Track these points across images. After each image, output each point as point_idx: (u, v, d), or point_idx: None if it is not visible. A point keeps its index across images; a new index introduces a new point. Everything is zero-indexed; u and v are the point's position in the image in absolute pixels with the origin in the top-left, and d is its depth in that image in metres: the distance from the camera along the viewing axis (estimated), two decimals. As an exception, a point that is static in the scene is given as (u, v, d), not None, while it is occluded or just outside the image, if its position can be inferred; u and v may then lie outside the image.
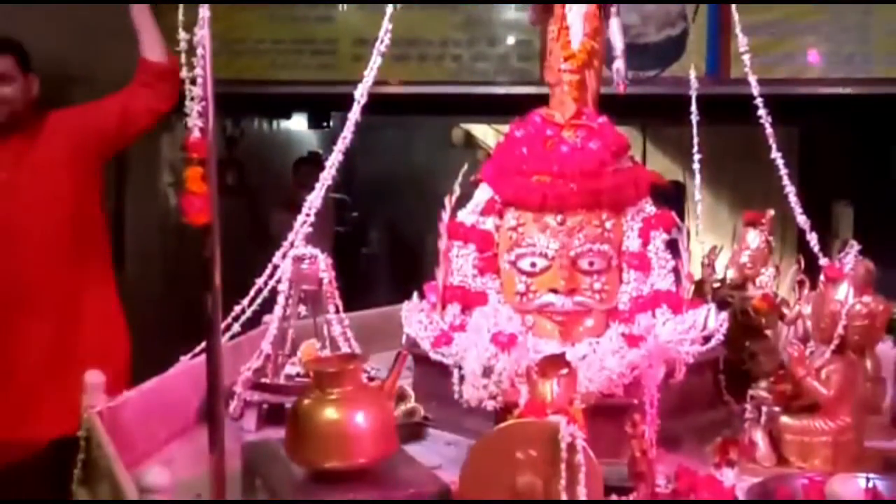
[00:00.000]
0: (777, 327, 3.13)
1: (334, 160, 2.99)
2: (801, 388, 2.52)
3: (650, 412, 2.42)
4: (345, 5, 6.55)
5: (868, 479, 2.24)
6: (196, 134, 1.91)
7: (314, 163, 7.64)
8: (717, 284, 3.17)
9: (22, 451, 3.63)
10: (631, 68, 3.05)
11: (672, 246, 2.88)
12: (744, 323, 3.08)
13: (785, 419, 2.52)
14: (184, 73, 1.93)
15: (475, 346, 2.64)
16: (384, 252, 10.93)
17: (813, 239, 2.78)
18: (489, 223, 2.92)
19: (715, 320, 2.82)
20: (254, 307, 2.86)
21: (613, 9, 2.99)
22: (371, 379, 2.83)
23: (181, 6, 1.97)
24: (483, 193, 2.98)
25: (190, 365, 2.67)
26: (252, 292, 2.86)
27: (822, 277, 2.71)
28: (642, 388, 2.51)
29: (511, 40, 6.39)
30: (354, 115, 2.96)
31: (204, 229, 1.95)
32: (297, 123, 10.22)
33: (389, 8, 2.92)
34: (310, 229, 2.95)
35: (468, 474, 2.03)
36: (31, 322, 3.71)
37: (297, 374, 2.91)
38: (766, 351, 3.07)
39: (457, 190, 2.93)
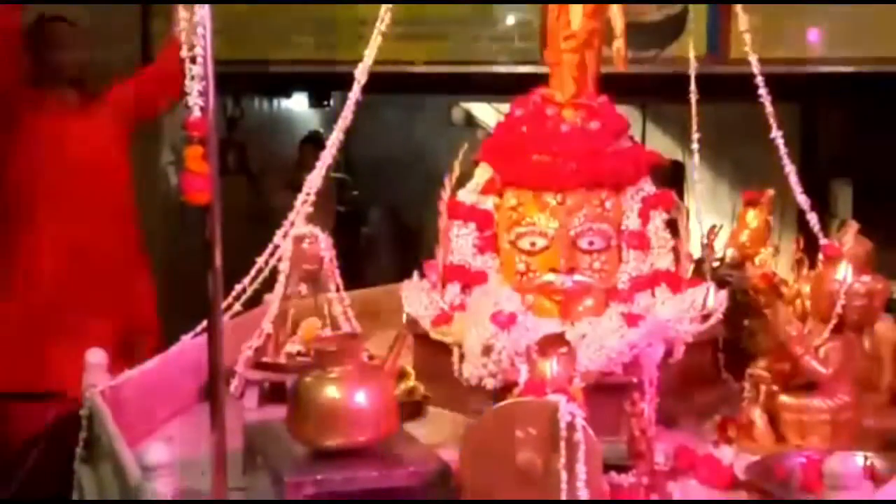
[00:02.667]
0: (776, 306, 3.14)
1: (335, 140, 2.99)
2: (799, 367, 2.53)
3: (649, 391, 2.42)
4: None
5: (866, 458, 2.25)
6: (196, 113, 1.91)
7: (317, 143, 7.63)
8: (716, 263, 3.17)
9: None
10: (631, 48, 3.04)
11: (671, 225, 2.88)
12: (743, 302, 3.09)
13: (783, 398, 2.53)
14: (184, 52, 1.93)
15: (475, 325, 2.64)
16: (384, 231, 10.90)
17: (812, 218, 2.78)
18: (489, 202, 2.93)
19: (714, 299, 2.83)
20: (255, 286, 2.87)
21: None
22: (371, 358, 2.84)
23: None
24: (483, 173, 2.98)
25: (191, 344, 2.68)
26: (253, 271, 2.87)
27: (821, 256, 2.72)
28: (641, 366, 2.52)
29: (511, 20, 6.36)
30: (355, 94, 2.97)
31: (204, 209, 1.95)
32: (298, 103, 10.20)
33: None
34: (310, 209, 2.95)
35: (468, 452, 2.04)
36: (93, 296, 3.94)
37: (298, 353, 2.92)
38: (765, 329, 3.08)
39: (457, 169, 2.94)
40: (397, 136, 11.07)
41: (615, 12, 2.97)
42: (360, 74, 2.97)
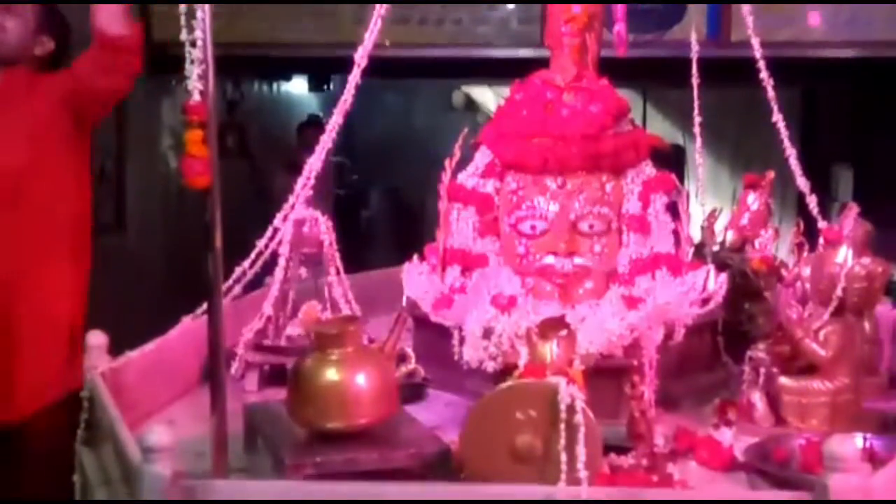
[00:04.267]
0: (776, 289, 3.14)
1: (335, 123, 2.99)
2: (799, 350, 2.54)
3: (649, 373, 2.43)
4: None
5: (865, 439, 2.26)
6: (196, 97, 1.92)
7: (318, 126, 7.65)
8: (716, 247, 3.17)
9: None
10: (632, 31, 3.04)
11: (672, 208, 2.88)
12: (743, 285, 3.09)
13: (783, 380, 2.54)
14: (183, 36, 1.93)
15: (475, 307, 2.65)
16: (385, 215, 10.93)
17: (812, 201, 2.78)
18: (489, 186, 2.93)
19: (714, 282, 2.83)
20: (255, 269, 2.88)
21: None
22: (371, 340, 2.84)
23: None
24: (483, 156, 2.98)
25: (192, 326, 2.69)
26: (253, 254, 2.87)
27: (821, 239, 2.72)
28: (641, 349, 2.52)
29: (511, 3, 6.36)
30: (355, 77, 2.97)
31: (204, 192, 1.95)
32: (298, 86, 10.20)
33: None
34: (310, 192, 2.95)
35: (468, 434, 2.04)
36: None
37: (299, 336, 2.93)
38: (765, 312, 3.09)
39: (457, 153, 2.93)
40: (397, 119, 11.10)
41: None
42: (360, 58, 2.97)
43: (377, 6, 2.98)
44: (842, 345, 2.51)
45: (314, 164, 2.96)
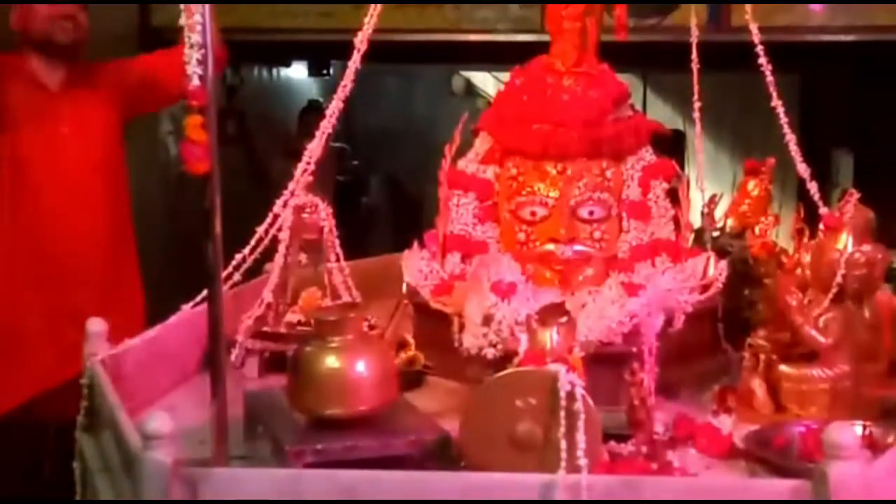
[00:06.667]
0: (776, 276, 3.14)
1: (334, 109, 2.99)
2: (799, 337, 2.54)
3: (649, 360, 2.43)
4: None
5: (865, 427, 2.26)
6: (196, 82, 1.91)
7: (318, 111, 7.62)
8: (716, 233, 3.17)
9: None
10: (632, 15, 3.03)
11: (672, 194, 2.88)
12: (743, 271, 3.08)
13: (783, 367, 2.54)
14: (182, 20, 1.93)
15: (475, 294, 2.65)
16: (384, 201, 10.93)
17: (813, 187, 2.78)
18: (489, 172, 2.92)
19: (714, 269, 2.83)
20: (254, 256, 2.87)
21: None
22: (371, 327, 2.84)
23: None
24: (483, 142, 2.98)
25: (192, 313, 2.68)
26: (253, 241, 2.87)
27: (821, 226, 2.72)
28: (641, 336, 2.52)
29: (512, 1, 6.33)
30: (354, 63, 2.96)
31: (204, 178, 1.95)
32: (298, 72, 10.18)
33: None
34: (310, 178, 2.95)
35: (468, 422, 2.05)
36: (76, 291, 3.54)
37: (298, 323, 2.93)
38: (765, 299, 3.08)
39: (457, 138, 2.93)
40: (397, 105, 11.08)
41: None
42: (360, 43, 2.96)
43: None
44: (842, 332, 2.51)
45: (314, 149, 2.95)
